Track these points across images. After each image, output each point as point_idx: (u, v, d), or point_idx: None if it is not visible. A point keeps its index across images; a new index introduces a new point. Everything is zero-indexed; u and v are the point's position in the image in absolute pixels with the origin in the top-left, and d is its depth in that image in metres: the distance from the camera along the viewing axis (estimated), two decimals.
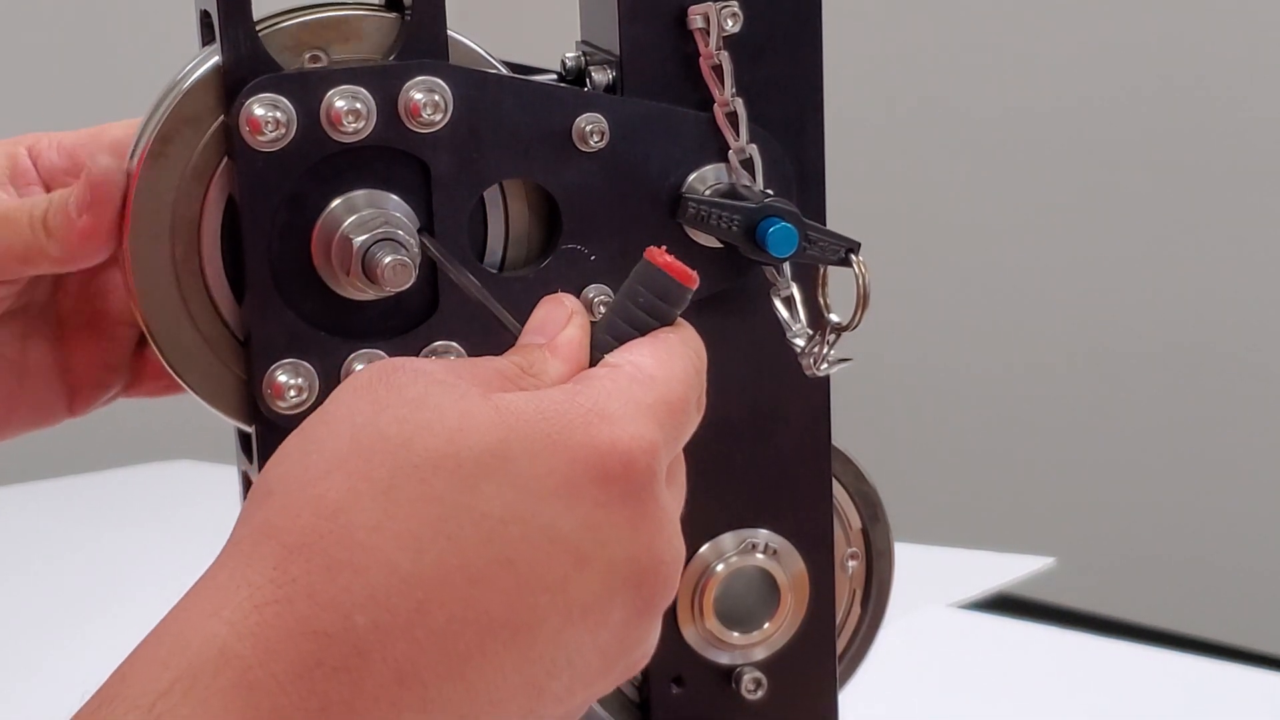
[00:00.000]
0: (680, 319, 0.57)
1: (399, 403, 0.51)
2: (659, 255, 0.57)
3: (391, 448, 0.50)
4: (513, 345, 0.57)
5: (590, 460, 0.51)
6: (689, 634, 0.71)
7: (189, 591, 0.50)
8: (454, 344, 0.65)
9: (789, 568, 0.71)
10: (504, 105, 0.64)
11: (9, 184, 0.67)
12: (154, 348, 0.64)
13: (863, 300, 0.64)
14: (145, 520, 1.50)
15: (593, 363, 0.56)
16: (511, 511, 0.50)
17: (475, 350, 0.64)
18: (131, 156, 0.63)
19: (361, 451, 0.51)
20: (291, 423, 0.58)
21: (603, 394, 0.53)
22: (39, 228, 0.63)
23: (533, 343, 0.56)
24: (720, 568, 0.70)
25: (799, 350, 0.65)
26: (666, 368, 0.55)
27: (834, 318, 0.66)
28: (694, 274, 0.57)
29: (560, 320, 0.56)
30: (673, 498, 0.55)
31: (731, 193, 0.65)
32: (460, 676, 0.50)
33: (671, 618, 0.70)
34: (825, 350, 0.65)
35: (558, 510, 0.51)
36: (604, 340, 0.57)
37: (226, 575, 0.50)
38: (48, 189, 0.67)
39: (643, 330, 0.56)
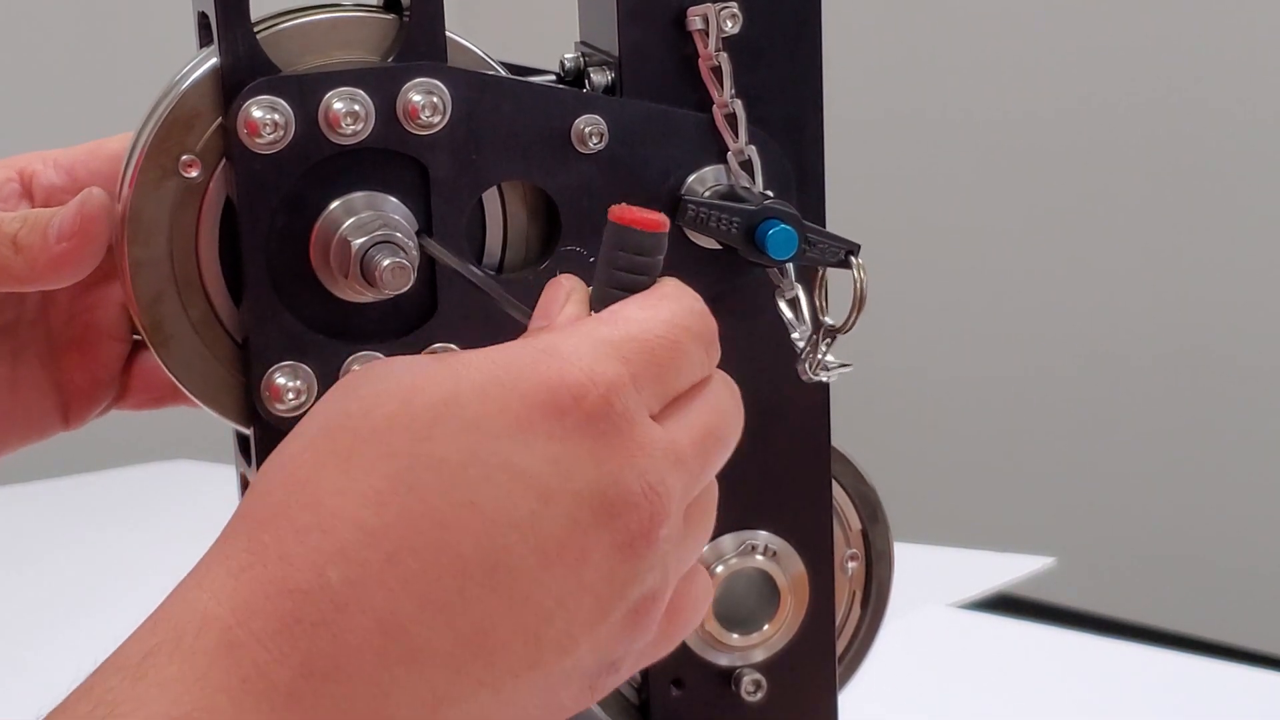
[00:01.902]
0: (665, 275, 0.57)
1: (363, 382, 0.53)
2: (622, 213, 0.56)
3: (353, 421, 0.52)
4: (522, 335, 0.57)
5: (539, 396, 0.52)
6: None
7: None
8: (453, 346, 0.64)
9: (788, 569, 0.71)
10: (503, 107, 0.64)
11: None
12: (152, 352, 0.64)
13: (859, 302, 0.64)
14: (145, 520, 1.50)
15: None
16: (468, 454, 0.51)
17: None
18: (129, 159, 0.63)
19: (328, 431, 0.52)
20: (290, 425, 0.58)
21: (559, 337, 0.54)
22: (6, 243, 0.63)
23: (538, 327, 0.57)
24: (720, 569, 0.70)
25: (800, 353, 0.65)
26: (648, 309, 0.55)
27: (828, 320, 0.66)
28: (661, 218, 0.56)
29: (560, 300, 0.57)
30: (674, 432, 0.54)
31: (731, 194, 0.65)
32: (447, 624, 0.50)
33: None
34: (821, 353, 0.65)
35: (513, 447, 0.51)
36: (598, 310, 0.57)
37: (206, 560, 0.51)
38: None
39: (631, 290, 0.56)
